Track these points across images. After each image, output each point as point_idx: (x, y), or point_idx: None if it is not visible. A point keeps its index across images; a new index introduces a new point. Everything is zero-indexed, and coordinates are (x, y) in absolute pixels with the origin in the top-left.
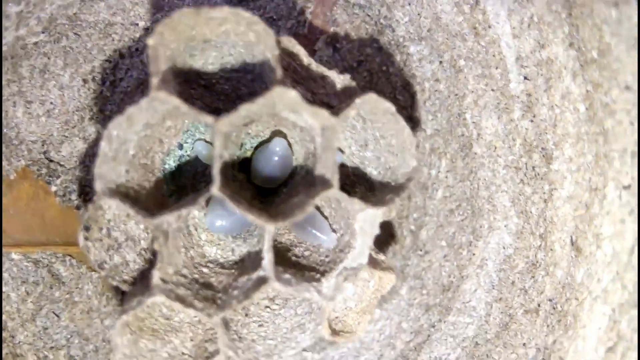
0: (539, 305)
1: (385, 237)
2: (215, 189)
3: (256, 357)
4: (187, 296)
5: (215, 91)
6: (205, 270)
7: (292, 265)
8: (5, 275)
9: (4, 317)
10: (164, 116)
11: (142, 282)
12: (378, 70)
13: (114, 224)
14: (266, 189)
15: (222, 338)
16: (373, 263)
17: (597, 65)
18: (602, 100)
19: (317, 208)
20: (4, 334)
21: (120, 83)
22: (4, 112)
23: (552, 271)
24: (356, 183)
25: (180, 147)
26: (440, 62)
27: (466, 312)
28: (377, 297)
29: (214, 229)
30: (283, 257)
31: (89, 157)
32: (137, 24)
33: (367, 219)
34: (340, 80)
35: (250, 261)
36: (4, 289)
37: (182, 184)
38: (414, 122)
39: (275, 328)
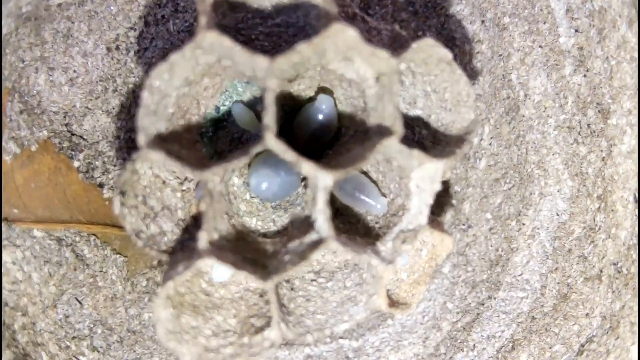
0: (601, 271)
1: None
2: (270, 138)
3: (307, 330)
4: (236, 261)
5: (255, 48)
6: (248, 239)
7: (342, 232)
8: (27, 253)
9: (25, 300)
10: (203, 73)
11: (182, 251)
12: (414, 36)
13: (150, 190)
14: (309, 152)
15: (275, 305)
16: (433, 224)
17: None
18: None
19: (365, 173)
20: (24, 320)
21: (144, 53)
22: (25, 78)
23: (614, 233)
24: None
25: (217, 110)
26: (483, 21)
27: (518, 286)
28: (431, 266)
29: (259, 192)
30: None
31: (112, 132)
32: None
33: (425, 175)
34: (388, 30)
35: (297, 227)
36: (25, 268)
37: (220, 149)
38: None
39: (324, 302)
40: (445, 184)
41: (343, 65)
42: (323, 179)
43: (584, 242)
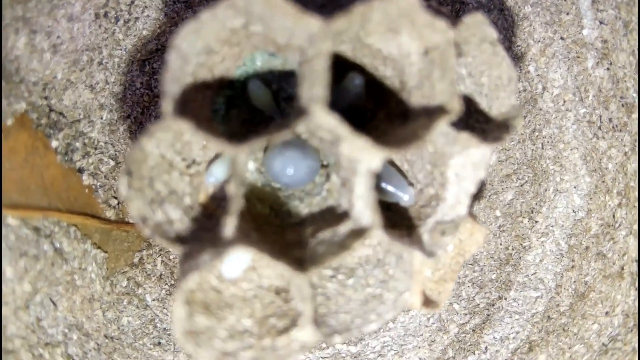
0: (622, 269)
1: None
2: (320, 111)
3: (334, 330)
4: (269, 251)
5: None
6: (265, 229)
7: None
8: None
9: None
10: (226, 40)
11: (198, 242)
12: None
13: (157, 172)
14: None
15: (309, 300)
16: (471, 215)
17: None
18: None
19: (391, 162)
20: None
21: (135, 24)
22: (4, 40)
23: (636, 229)
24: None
25: (231, 86)
26: (501, 9)
27: (531, 286)
28: (458, 262)
29: (283, 176)
30: None
31: (95, 110)
32: None
33: (467, 162)
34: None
35: (326, 217)
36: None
37: (232, 130)
38: None
39: (346, 301)
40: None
41: (384, 39)
42: (367, 156)
43: (602, 240)
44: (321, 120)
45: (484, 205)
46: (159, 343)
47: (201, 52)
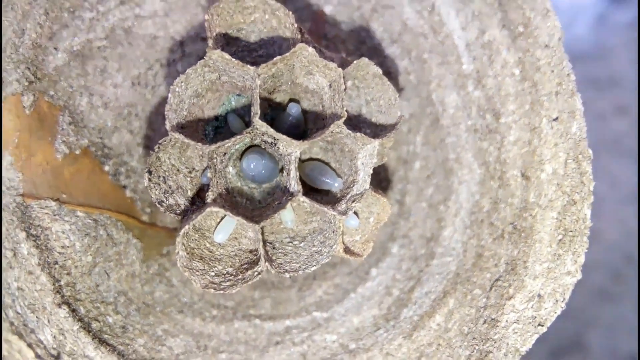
0: (503, 231)
1: (379, 182)
2: (257, 120)
3: (285, 270)
4: (227, 209)
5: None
6: (241, 208)
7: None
8: (72, 227)
9: (70, 262)
10: (208, 88)
11: (192, 212)
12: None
13: (168, 174)
14: None
15: (261, 243)
16: (374, 189)
17: (524, 35)
18: (529, 61)
19: (326, 163)
20: (68, 278)
21: (159, 88)
22: (73, 100)
23: (511, 202)
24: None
25: (217, 118)
26: (409, 58)
27: (447, 254)
28: (377, 228)
29: (249, 170)
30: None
31: (134, 147)
32: (175, 39)
33: (366, 153)
34: (338, 58)
35: (278, 195)
36: (71, 237)
37: None
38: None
39: (297, 256)
40: (390, 183)
41: (306, 79)
42: (293, 148)
43: (492, 213)
44: (257, 126)
45: (414, 199)
46: (182, 311)
47: (192, 96)
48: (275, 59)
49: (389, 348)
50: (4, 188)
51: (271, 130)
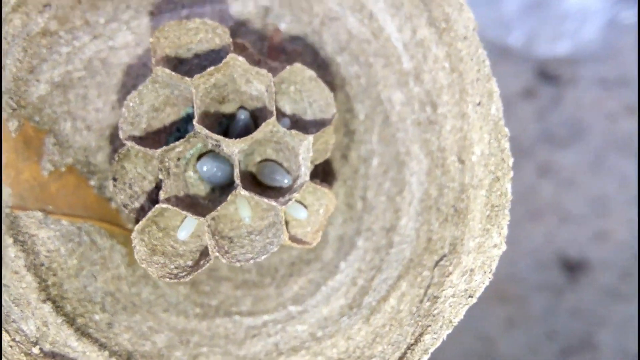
0: (447, 214)
1: (325, 176)
2: (195, 122)
3: (238, 260)
4: (182, 208)
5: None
6: (198, 206)
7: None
8: (57, 234)
9: (55, 264)
10: (165, 103)
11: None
12: (322, 80)
13: (134, 181)
14: None
15: (209, 235)
16: (320, 183)
17: (446, 31)
18: (454, 54)
19: (278, 163)
20: (54, 279)
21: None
22: (57, 124)
23: (452, 186)
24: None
25: (178, 130)
26: (358, 63)
27: (403, 241)
28: (326, 218)
29: (203, 172)
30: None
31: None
32: (147, 65)
33: (304, 148)
34: (281, 67)
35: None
36: (56, 242)
37: None
38: (350, 111)
39: (252, 248)
40: (354, 181)
41: (247, 87)
42: (233, 147)
43: (439, 199)
44: (197, 129)
45: (375, 194)
46: (167, 310)
47: (150, 110)
48: (208, 69)
49: (350, 332)
50: None
51: (210, 133)
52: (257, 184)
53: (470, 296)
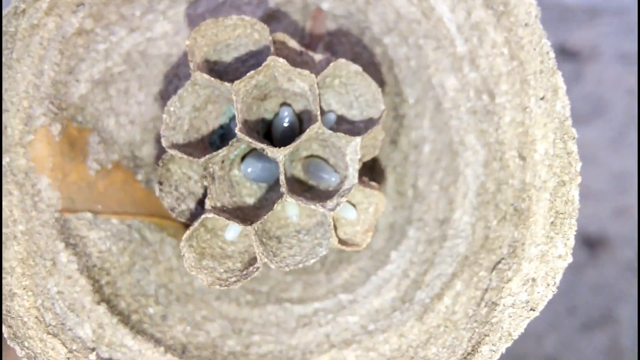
0: (505, 212)
1: (374, 175)
2: (237, 130)
3: (287, 264)
4: (229, 217)
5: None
6: (245, 209)
7: (311, 198)
8: (108, 233)
9: (108, 264)
10: (207, 101)
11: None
12: (367, 63)
13: (180, 182)
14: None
15: (257, 243)
16: (363, 184)
17: (506, 14)
18: (514, 40)
19: (325, 160)
20: (107, 278)
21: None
22: (101, 122)
23: (511, 183)
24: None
25: (221, 127)
26: (407, 45)
27: (457, 236)
28: (375, 218)
29: (246, 174)
30: (304, 195)
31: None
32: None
33: (352, 150)
34: (325, 58)
35: (275, 197)
36: (107, 243)
37: None
38: (399, 95)
39: (301, 250)
40: (404, 168)
41: (290, 85)
42: (276, 154)
43: (497, 195)
44: (239, 137)
45: (427, 183)
46: (219, 298)
47: (191, 111)
48: (248, 74)
49: (402, 329)
50: (44, 206)
51: (253, 141)
52: (301, 181)
53: (532, 309)
